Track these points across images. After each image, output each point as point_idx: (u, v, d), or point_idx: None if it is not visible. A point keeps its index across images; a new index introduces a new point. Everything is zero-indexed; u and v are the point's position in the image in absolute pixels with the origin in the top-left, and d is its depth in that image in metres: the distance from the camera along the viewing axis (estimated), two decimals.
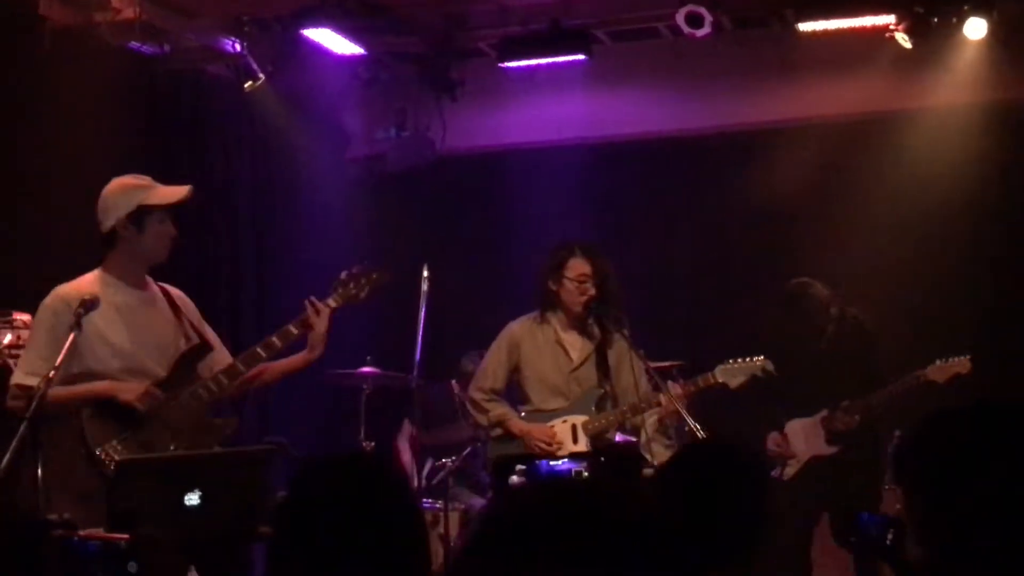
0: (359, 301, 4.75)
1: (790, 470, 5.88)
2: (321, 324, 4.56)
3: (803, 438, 5.85)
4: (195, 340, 4.52)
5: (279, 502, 2.46)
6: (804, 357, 5.84)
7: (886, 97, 7.53)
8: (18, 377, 4.24)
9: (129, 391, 4.25)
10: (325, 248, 8.04)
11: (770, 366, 5.38)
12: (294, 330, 4.54)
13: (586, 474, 4.37)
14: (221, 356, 4.61)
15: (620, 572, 1.33)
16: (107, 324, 4.35)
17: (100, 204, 4.45)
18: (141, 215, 4.39)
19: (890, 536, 2.49)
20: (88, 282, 4.43)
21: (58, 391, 4.17)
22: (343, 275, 4.71)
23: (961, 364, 5.65)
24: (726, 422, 5.44)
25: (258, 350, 4.50)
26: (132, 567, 2.38)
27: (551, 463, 3.00)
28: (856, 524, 2.62)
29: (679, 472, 2.61)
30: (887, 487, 6.05)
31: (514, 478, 4.60)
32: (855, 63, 7.36)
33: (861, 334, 5.96)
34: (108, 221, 4.42)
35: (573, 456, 4.91)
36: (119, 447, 4.19)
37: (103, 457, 4.17)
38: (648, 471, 4.80)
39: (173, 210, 4.48)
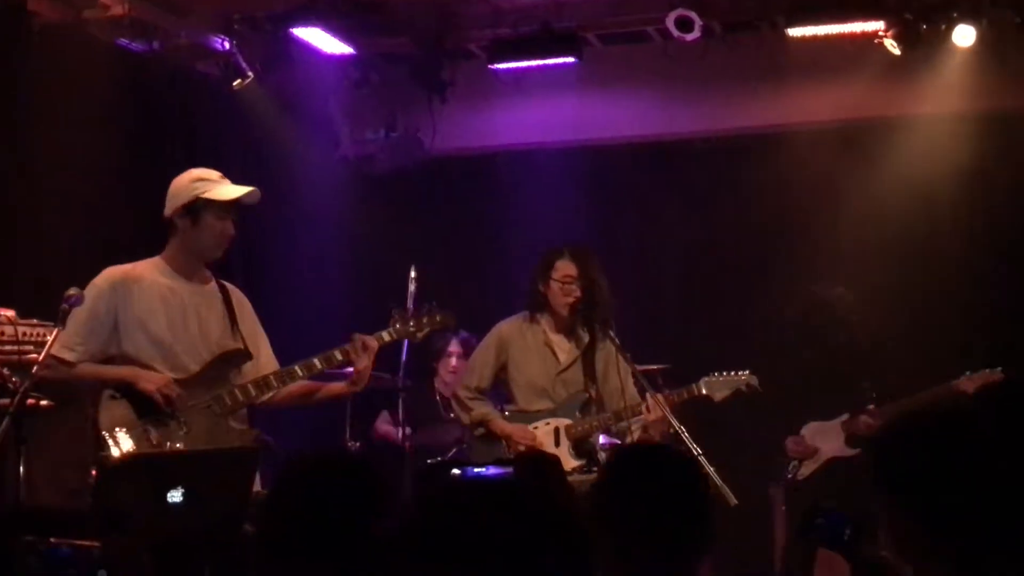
0: (414, 340, 4.79)
1: (805, 470, 5.88)
2: (365, 360, 4.53)
3: (822, 439, 5.87)
4: (238, 344, 4.50)
5: (263, 500, 2.46)
6: (822, 362, 5.86)
7: (875, 103, 7.55)
8: (55, 348, 4.20)
9: (150, 380, 4.26)
10: (313, 248, 8.05)
11: (754, 381, 5.38)
12: (339, 356, 4.53)
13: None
14: (261, 365, 4.57)
15: (530, 560, 1.37)
16: (148, 311, 4.38)
17: (168, 192, 4.52)
18: (197, 208, 4.44)
19: (847, 532, 2.51)
20: (141, 267, 4.48)
21: (86, 368, 4.29)
22: (403, 311, 4.74)
23: (993, 375, 5.66)
24: (739, 426, 5.46)
25: (296, 369, 4.49)
26: (102, 574, 2.38)
27: (477, 469, 3.04)
28: (816, 519, 2.64)
29: (613, 474, 2.61)
30: None
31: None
32: (844, 69, 7.38)
33: (872, 343, 5.99)
34: (168, 209, 4.49)
35: (498, 462, 4.92)
36: (127, 435, 4.21)
37: (109, 440, 4.17)
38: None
39: (236, 210, 4.52)
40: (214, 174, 4.56)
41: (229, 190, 4.51)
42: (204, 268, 4.57)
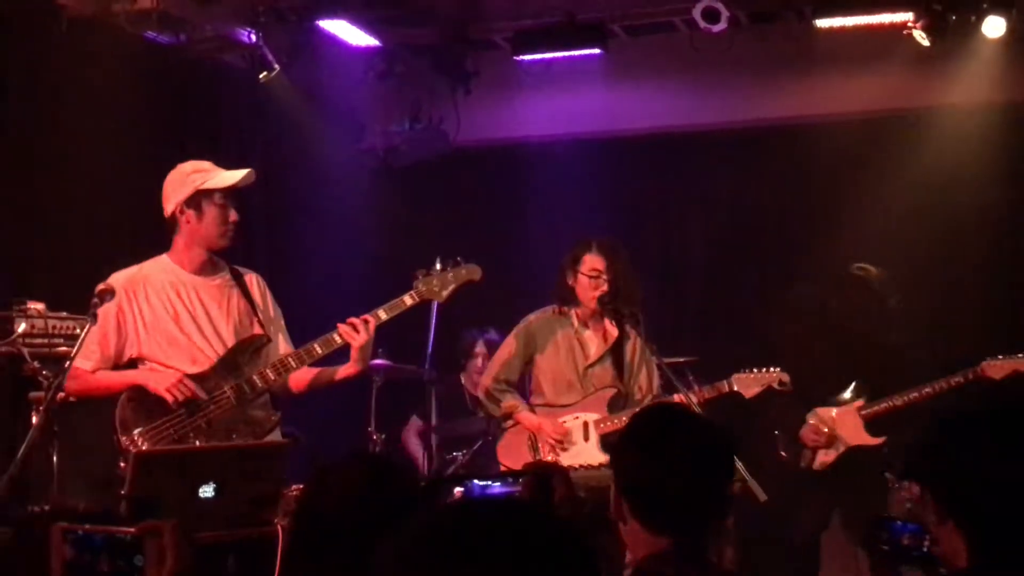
0: (440, 299, 4.68)
1: (827, 458, 5.77)
2: (361, 337, 4.46)
3: (841, 426, 5.76)
4: (256, 330, 4.49)
5: (297, 502, 2.45)
6: (851, 345, 5.79)
7: (903, 95, 7.50)
8: (77, 360, 4.22)
9: (160, 381, 4.25)
10: (338, 239, 8.05)
11: (786, 378, 5.34)
12: (338, 339, 4.48)
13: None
14: (279, 349, 4.56)
15: None
16: (160, 311, 4.39)
17: (163, 190, 4.49)
18: (198, 199, 4.42)
19: (926, 545, 2.50)
20: (147, 267, 4.47)
21: (102, 376, 4.30)
22: (427, 271, 4.64)
23: (1021, 362, 5.55)
24: (752, 406, 5.41)
25: (302, 354, 4.47)
26: (139, 560, 2.37)
27: (484, 484, 3.03)
28: (888, 531, 2.61)
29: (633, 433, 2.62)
30: (897, 485, 6.03)
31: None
32: (872, 60, 7.33)
33: (902, 329, 5.90)
34: (168, 207, 4.47)
35: (504, 477, 4.87)
36: (146, 436, 4.20)
37: (128, 444, 4.17)
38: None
39: (235, 195, 4.48)
40: (206, 164, 4.54)
41: (225, 176, 4.48)
42: (215, 258, 4.55)
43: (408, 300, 4.61)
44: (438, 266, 4.65)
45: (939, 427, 2.46)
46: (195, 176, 4.45)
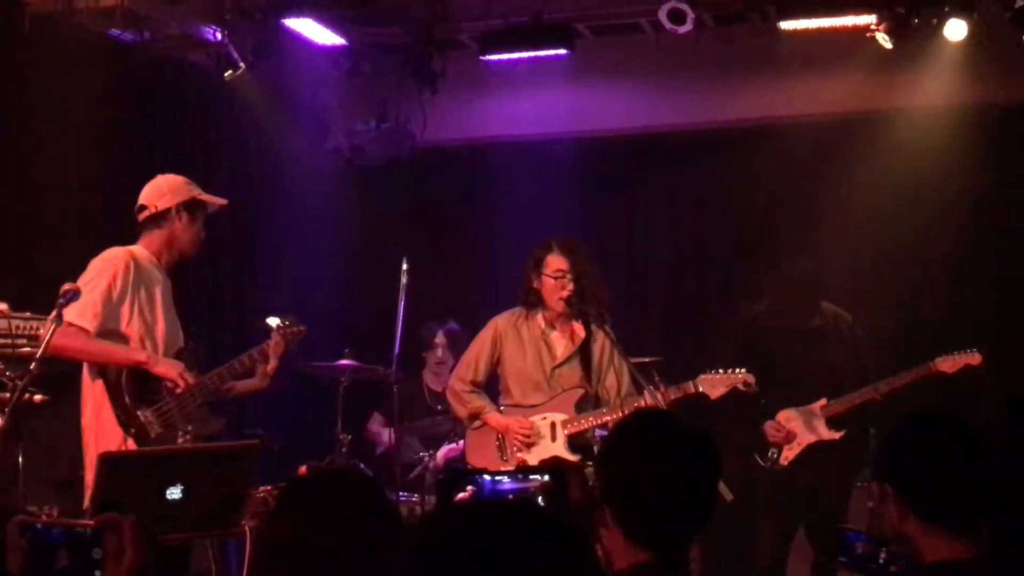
0: (276, 354, 4.87)
1: (790, 453, 5.90)
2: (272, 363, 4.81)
3: (802, 424, 5.89)
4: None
5: (267, 516, 2.42)
6: (795, 347, 5.88)
7: (867, 97, 7.56)
8: (71, 315, 4.27)
9: (168, 366, 4.41)
10: (304, 238, 8.03)
11: (751, 379, 5.40)
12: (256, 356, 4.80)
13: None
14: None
15: None
16: (148, 295, 4.54)
17: (154, 186, 4.70)
18: (193, 207, 4.69)
19: (883, 556, 2.54)
20: (136, 252, 4.60)
21: (104, 344, 4.37)
22: (278, 324, 4.88)
23: (971, 356, 5.76)
24: (710, 411, 5.45)
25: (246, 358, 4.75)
26: (97, 553, 2.35)
27: (495, 480, 3.00)
28: (843, 543, 2.65)
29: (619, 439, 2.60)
30: (860, 484, 6.11)
31: (462, 495, 4.58)
32: (836, 62, 7.38)
33: (846, 335, 6.02)
34: (162, 202, 4.64)
35: (517, 473, 4.87)
36: (152, 415, 4.36)
37: (143, 420, 4.33)
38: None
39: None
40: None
41: (215, 199, 4.83)
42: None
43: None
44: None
45: (896, 427, 2.55)
46: (192, 187, 4.73)
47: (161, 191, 4.68)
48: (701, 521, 2.47)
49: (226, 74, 6.97)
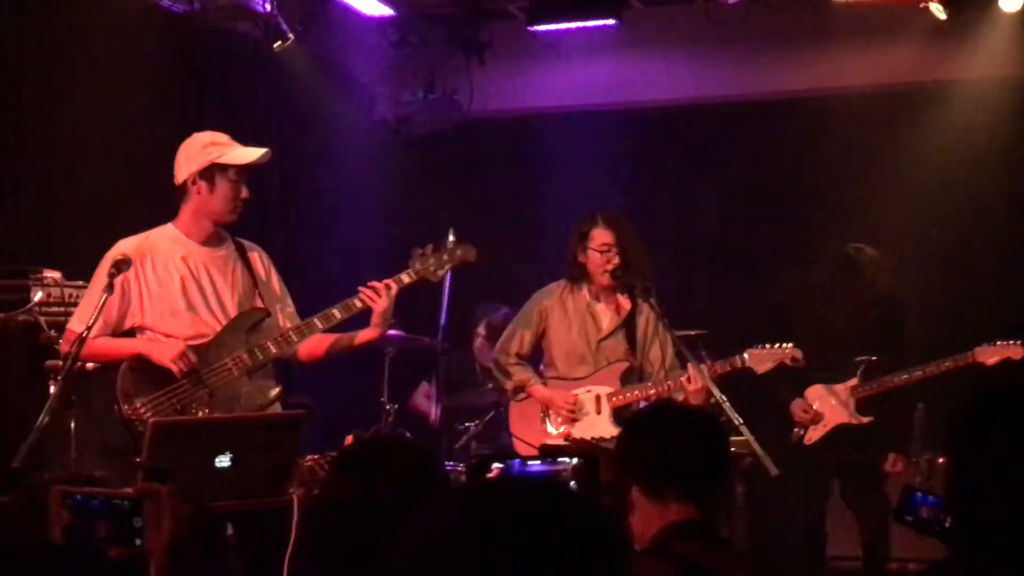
0: (434, 279, 4.64)
1: (814, 435, 5.76)
2: (383, 302, 4.45)
3: (830, 404, 5.75)
4: (258, 303, 4.46)
5: (319, 492, 2.44)
6: (835, 323, 5.76)
7: (919, 69, 7.47)
8: (71, 323, 4.27)
9: (164, 351, 4.23)
10: (350, 209, 8.06)
11: (799, 354, 5.30)
12: (358, 304, 4.45)
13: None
14: (284, 323, 4.52)
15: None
16: (165, 281, 4.35)
17: (177, 157, 4.44)
18: (212, 172, 4.37)
19: (948, 519, 2.50)
20: (154, 235, 4.43)
21: (101, 343, 4.25)
22: (419, 251, 4.60)
23: (1013, 349, 5.47)
24: (745, 381, 5.41)
25: (316, 321, 4.42)
26: (138, 522, 2.39)
27: (525, 463, 3.00)
28: (910, 504, 2.63)
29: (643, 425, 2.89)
30: (913, 459, 6.01)
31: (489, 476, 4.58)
32: (889, 33, 7.30)
33: (895, 308, 5.87)
34: (180, 175, 4.42)
35: (545, 453, 4.85)
36: (148, 406, 4.21)
37: (130, 414, 4.18)
38: None
39: (249, 171, 4.45)
40: (223, 137, 4.49)
41: (242, 153, 4.44)
42: (220, 231, 4.51)
43: (406, 279, 4.57)
44: (430, 247, 4.64)
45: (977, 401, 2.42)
46: (211, 149, 4.40)
47: (178, 162, 4.44)
48: (719, 468, 2.78)
49: (275, 44, 7.00)
